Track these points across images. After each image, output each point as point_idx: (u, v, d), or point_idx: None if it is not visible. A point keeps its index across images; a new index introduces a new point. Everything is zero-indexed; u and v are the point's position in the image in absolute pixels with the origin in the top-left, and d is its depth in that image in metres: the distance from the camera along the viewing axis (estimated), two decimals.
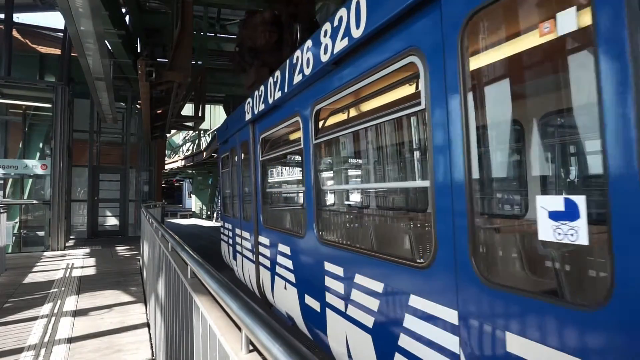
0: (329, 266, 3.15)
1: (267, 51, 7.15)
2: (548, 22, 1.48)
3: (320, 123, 3.35)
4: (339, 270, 3.00)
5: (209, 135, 27.00)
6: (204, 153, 23.96)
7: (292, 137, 4.77)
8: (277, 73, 4.08)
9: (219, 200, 31.47)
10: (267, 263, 4.71)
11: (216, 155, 21.16)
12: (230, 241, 6.97)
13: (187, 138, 33.41)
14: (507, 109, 2.40)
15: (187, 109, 17.21)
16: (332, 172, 5.60)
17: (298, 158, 5.73)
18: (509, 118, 2.60)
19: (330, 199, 5.72)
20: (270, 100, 4.29)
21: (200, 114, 13.87)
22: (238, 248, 6.30)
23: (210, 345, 1.51)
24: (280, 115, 4.21)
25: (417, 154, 4.63)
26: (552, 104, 3.09)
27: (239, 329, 1.27)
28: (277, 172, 6.50)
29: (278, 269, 4.32)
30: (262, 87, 4.61)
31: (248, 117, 5.24)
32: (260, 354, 1.15)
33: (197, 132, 28.42)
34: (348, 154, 5.68)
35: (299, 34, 6.94)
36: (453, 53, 1.80)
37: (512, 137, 3.30)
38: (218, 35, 15.11)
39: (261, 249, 4.97)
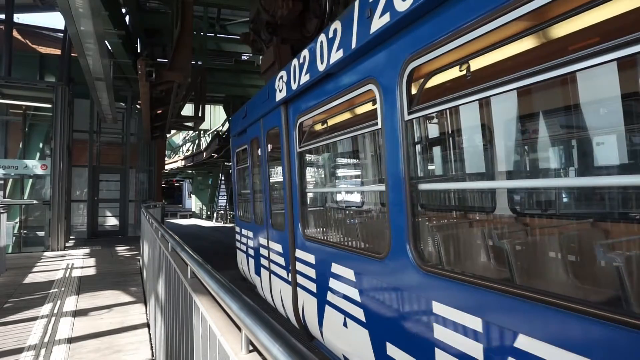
0: (441, 309, 2.06)
1: (288, 25, 6.05)
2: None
3: (416, 89, 2.28)
4: (464, 319, 1.91)
5: (209, 135, 27.01)
6: (204, 153, 23.95)
7: (354, 116, 3.42)
8: (337, 25, 2.91)
9: (223, 201, 31.51)
10: (311, 286, 3.65)
11: (216, 155, 21.19)
12: (251, 252, 5.69)
13: (187, 138, 33.43)
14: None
15: (187, 109, 17.23)
16: (443, 160, 3.90)
17: (363, 144, 4.60)
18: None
19: (436, 200, 4.05)
20: (321, 67, 3.15)
21: (200, 114, 13.88)
22: (263, 262, 5.09)
23: (210, 345, 1.51)
24: (336, 87, 3.07)
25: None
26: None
27: (239, 329, 1.27)
28: (324, 165, 4.93)
29: (332, 297, 3.27)
30: (304, 54, 3.48)
31: (280, 96, 4.05)
32: (260, 354, 1.14)
33: (197, 132, 28.44)
34: (470, 131, 3.60)
35: (328, 3, 5.51)
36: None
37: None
38: (218, 35, 15.12)
39: (300, 267, 3.90)
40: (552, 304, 1.54)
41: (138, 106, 13.71)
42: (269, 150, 4.82)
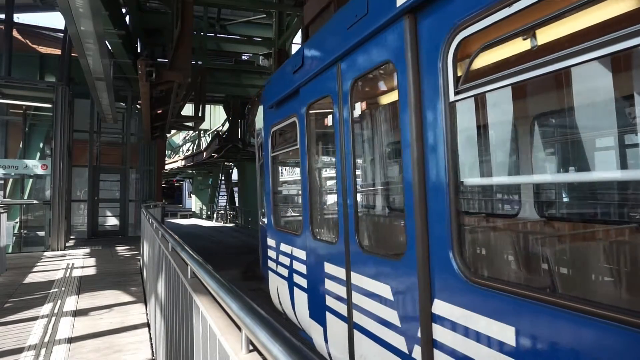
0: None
1: None
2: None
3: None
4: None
5: (209, 135, 27.02)
6: (204, 153, 23.96)
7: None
8: None
9: (223, 201, 31.33)
10: None
11: (216, 155, 21.13)
12: (302, 282, 3.59)
13: (187, 138, 33.46)
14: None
15: (187, 109, 17.23)
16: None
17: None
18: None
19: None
20: None
21: (200, 114, 13.90)
22: (331, 303, 3.03)
23: (210, 345, 1.51)
24: None
25: None
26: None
27: (239, 329, 1.27)
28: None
29: None
30: None
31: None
32: (260, 354, 1.15)
33: (197, 132, 28.45)
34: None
35: None
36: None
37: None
38: (218, 35, 15.13)
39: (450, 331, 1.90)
40: None
41: (138, 106, 13.72)
42: (359, 114, 3.16)
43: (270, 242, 4.45)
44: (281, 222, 4.67)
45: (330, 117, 3.26)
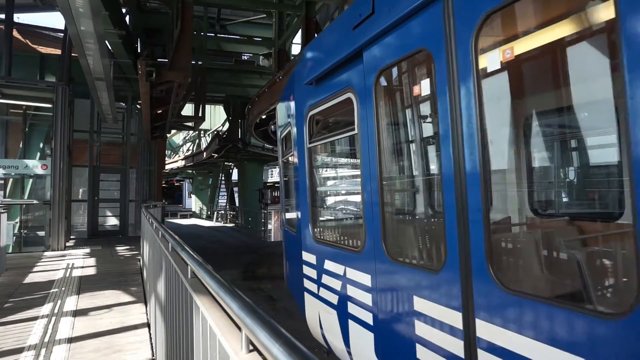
0: None
1: None
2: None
3: None
4: None
5: (209, 135, 27.03)
6: (204, 153, 23.97)
7: None
8: None
9: (223, 201, 31.22)
10: None
11: (216, 155, 21.11)
12: (366, 317, 2.60)
13: (187, 138, 33.48)
14: None
15: (187, 109, 17.24)
16: None
17: None
18: None
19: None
20: None
21: (200, 114, 13.91)
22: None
23: (210, 345, 1.51)
24: None
25: None
26: None
27: (239, 329, 1.27)
28: None
29: None
30: None
31: None
32: (260, 354, 1.14)
33: (197, 132, 28.46)
34: None
35: None
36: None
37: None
38: (218, 35, 15.14)
39: None
40: None
41: (138, 106, 13.73)
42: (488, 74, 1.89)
43: (308, 256, 3.43)
44: (325, 233, 3.73)
45: (424, 83, 2.29)
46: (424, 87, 2.31)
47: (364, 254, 2.54)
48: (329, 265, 3.05)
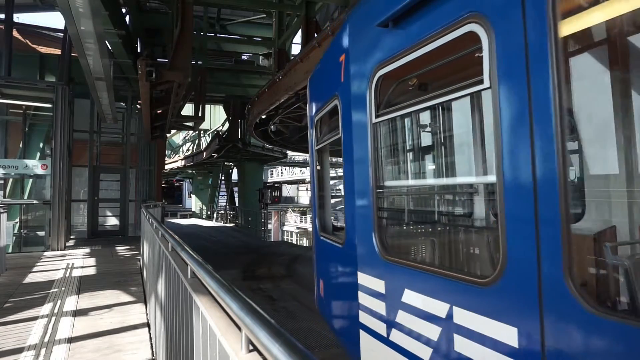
0: None
1: None
2: None
3: None
4: None
5: (209, 135, 27.03)
6: (204, 153, 23.99)
7: None
8: None
9: (223, 201, 31.12)
10: None
11: (216, 155, 21.08)
12: None
13: (187, 138, 33.50)
14: None
15: (187, 109, 17.25)
16: None
17: None
18: None
19: None
20: None
21: (200, 114, 13.91)
22: None
23: (210, 345, 1.51)
24: None
25: None
26: None
27: (239, 329, 1.27)
28: None
29: None
30: None
31: None
32: (260, 353, 1.14)
33: (197, 132, 28.47)
34: None
35: None
36: None
37: None
38: (218, 35, 15.14)
39: None
40: None
41: (138, 106, 13.73)
42: None
43: (369, 281, 2.31)
44: (406, 248, 2.71)
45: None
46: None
47: (500, 288, 1.44)
48: (408, 296, 1.98)
